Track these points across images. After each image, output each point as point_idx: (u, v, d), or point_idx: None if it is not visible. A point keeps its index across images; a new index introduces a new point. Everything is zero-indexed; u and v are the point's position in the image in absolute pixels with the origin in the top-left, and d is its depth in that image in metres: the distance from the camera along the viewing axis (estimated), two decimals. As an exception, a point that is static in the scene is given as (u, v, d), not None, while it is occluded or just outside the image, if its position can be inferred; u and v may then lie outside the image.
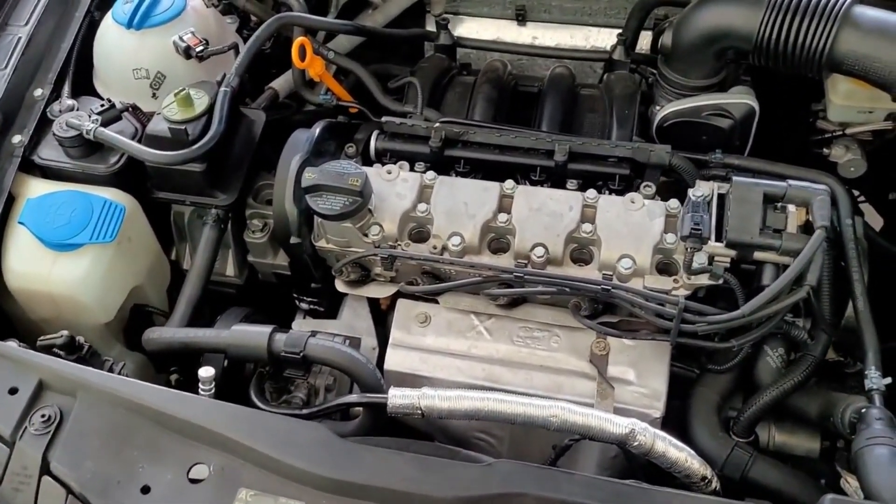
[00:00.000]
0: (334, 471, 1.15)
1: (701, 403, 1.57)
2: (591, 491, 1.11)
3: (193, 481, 1.18)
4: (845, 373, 1.68)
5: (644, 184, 1.62)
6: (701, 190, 1.51)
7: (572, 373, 1.55)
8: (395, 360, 1.59)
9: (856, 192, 2.14)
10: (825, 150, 1.89)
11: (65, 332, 1.34)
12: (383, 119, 1.74)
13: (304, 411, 1.38)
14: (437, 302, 1.63)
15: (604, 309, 1.58)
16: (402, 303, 1.65)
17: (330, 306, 1.80)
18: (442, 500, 1.13)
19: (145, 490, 1.18)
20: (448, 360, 1.58)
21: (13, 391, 1.26)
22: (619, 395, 1.53)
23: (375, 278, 1.66)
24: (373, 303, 1.72)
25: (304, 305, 1.84)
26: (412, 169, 1.67)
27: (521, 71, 2.09)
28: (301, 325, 1.71)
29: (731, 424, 1.57)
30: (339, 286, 1.67)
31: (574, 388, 1.53)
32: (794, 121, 1.96)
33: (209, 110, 1.59)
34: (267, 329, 1.41)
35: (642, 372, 1.54)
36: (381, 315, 1.72)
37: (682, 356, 1.65)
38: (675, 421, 1.55)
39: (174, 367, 1.64)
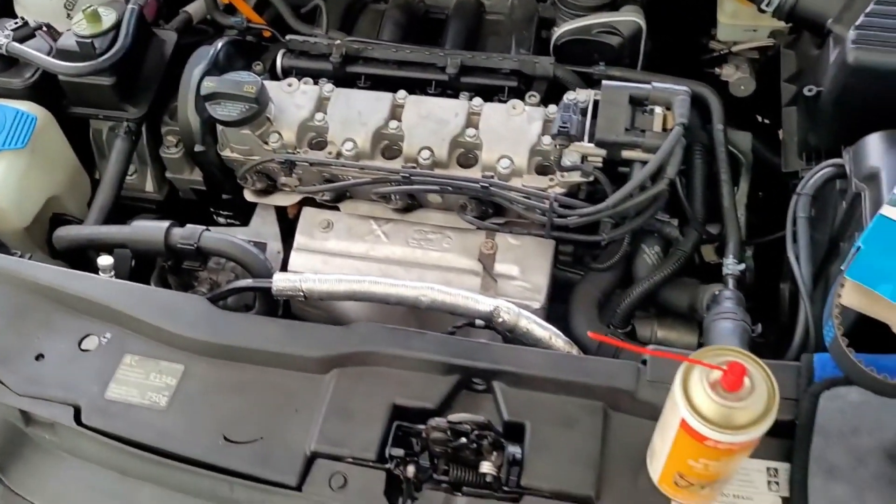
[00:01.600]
0: (209, 335, 1.26)
1: (581, 297, 1.68)
2: (439, 347, 1.22)
3: (84, 350, 1.29)
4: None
5: (529, 94, 1.72)
6: (574, 94, 1.61)
7: (462, 270, 1.66)
8: (299, 262, 1.69)
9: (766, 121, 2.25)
10: (717, 70, 2.00)
11: (-31, 224, 1.45)
12: (288, 38, 1.84)
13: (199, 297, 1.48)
14: (340, 210, 1.74)
15: (494, 212, 1.69)
16: (306, 210, 1.75)
17: (246, 220, 1.91)
18: (305, 358, 1.24)
19: (39, 357, 1.28)
20: (348, 262, 1.69)
21: (-85, 277, 1.36)
22: (504, 289, 1.64)
23: (281, 188, 1.77)
24: (283, 215, 1.83)
25: (221, 220, 1.95)
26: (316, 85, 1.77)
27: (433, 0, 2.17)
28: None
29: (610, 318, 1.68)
30: (248, 196, 1.78)
31: (462, 284, 1.64)
32: (693, 43, 2.06)
33: (116, 26, 1.68)
34: (165, 223, 1.51)
35: (526, 268, 1.65)
36: (291, 225, 1.82)
37: (575, 263, 1.77)
38: (565, 322, 1.67)
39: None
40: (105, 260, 1.45)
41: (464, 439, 1.11)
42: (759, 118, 2.15)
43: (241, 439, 1.19)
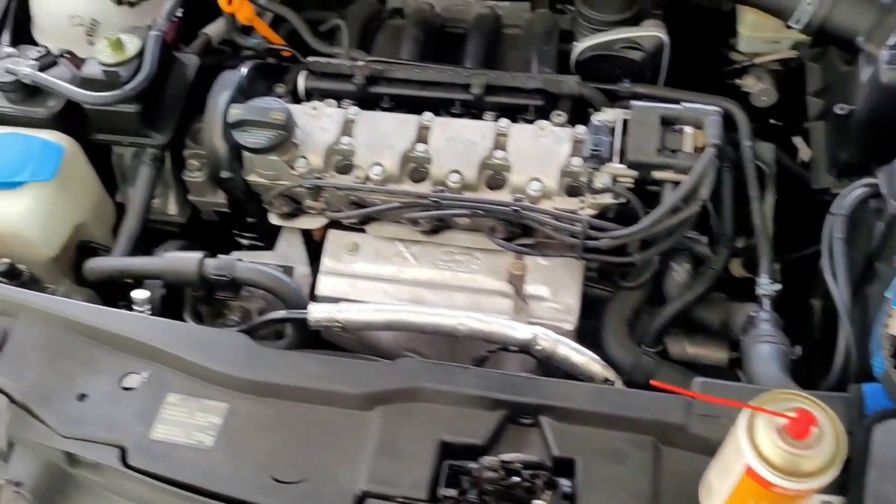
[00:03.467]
0: (251, 373, 1.26)
1: (612, 317, 1.69)
2: (483, 382, 1.22)
3: (126, 389, 1.28)
4: (755, 289, 1.80)
5: (555, 113, 1.71)
6: (604, 115, 1.61)
7: (491, 292, 1.66)
8: (327, 286, 1.69)
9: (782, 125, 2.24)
10: (738, 82, 2.00)
11: (4, 260, 1.44)
12: (309, 59, 1.82)
13: (234, 329, 1.48)
14: (365, 232, 1.73)
15: (522, 233, 1.68)
16: (332, 233, 1.75)
17: (269, 242, 1.89)
18: (350, 395, 1.23)
19: (82, 397, 1.28)
20: (376, 285, 1.68)
21: (-43, 314, 1.36)
22: (535, 310, 1.64)
23: (307, 211, 1.76)
24: (308, 236, 1.82)
25: (244, 241, 1.94)
26: (340, 107, 1.75)
27: (452, 15, 2.16)
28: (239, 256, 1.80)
29: (641, 337, 1.68)
30: (273, 219, 1.77)
31: (492, 306, 1.64)
32: (711, 55, 2.05)
33: (140, 53, 1.67)
34: (198, 254, 1.51)
35: (556, 289, 1.65)
36: (316, 247, 1.81)
37: (601, 279, 1.77)
38: (592, 338, 1.67)
39: (122, 302, 1.72)
40: (140, 294, 1.44)
41: (516, 478, 1.11)
42: (772, 121, 2.15)
43: (289, 479, 1.18)
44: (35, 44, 1.84)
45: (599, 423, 1.18)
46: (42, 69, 1.68)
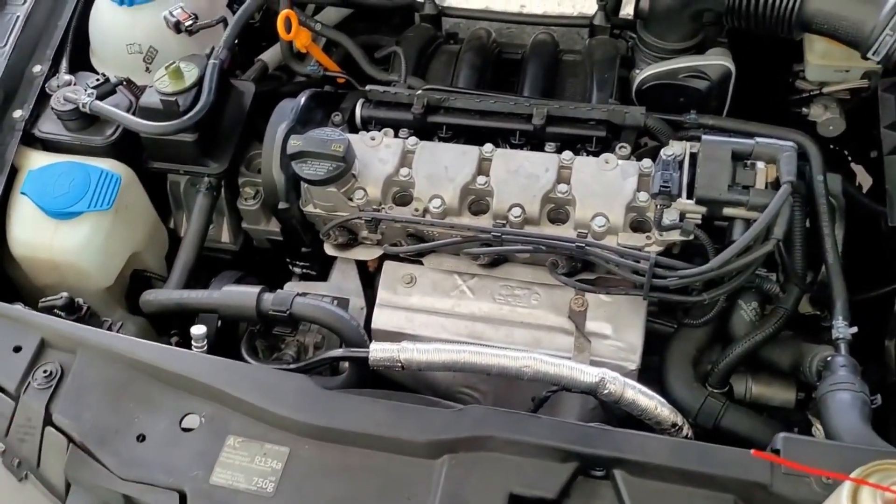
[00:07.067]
0: (315, 417, 1.23)
1: (676, 356, 1.63)
2: (556, 432, 1.17)
3: (185, 430, 1.26)
4: (821, 326, 1.73)
5: (619, 145, 1.66)
6: (672, 149, 1.56)
7: (551, 328, 1.61)
8: (382, 319, 1.65)
9: (845, 153, 2.18)
10: (804, 110, 1.93)
11: (64, 294, 1.42)
12: (367, 88, 1.80)
13: (293, 366, 1.45)
14: (422, 264, 1.70)
15: (582, 267, 1.64)
16: (388, 264, 1.71)
17: (322, 270, 1.87)
18: (416, 443, 1.20)
19: (141, 438, 1.25)
20: (433, 319, 1.64)
21: (17, 349, 1.34)
22: (597, 348, 1.59)
23: (363, 242, 1.73)
24: (362, 265, 1.79)
25: (297, 270, 1.91)
26: (396, 136, 1.72)
27: (508, 39, 2.12)
28: (293, 287, 1.78)
29: (707, 376, 1.63)
30: (328, 249, 1.74)
31: (553, 343, 1.59)
32: (776, 82, 2.00)
33: (199, 82, 1.65)
34: (255, 289, 1.48)
35: (619, 326, 1.60)
36: (370, 277, 1.78)
37: (662, 313, 1.71)
38: (654, 375, 1.62)
39: (174, 331, 1.71)
40: (198, 329, 1.42)
41: (590, 537, 1.06)
42: (832, 146, 2.08)
43: (354, 530, 1.15)
44: (93, 70, 1.83)
45: (677, 479, 1.13)
46: (100, 97, 1.67)
